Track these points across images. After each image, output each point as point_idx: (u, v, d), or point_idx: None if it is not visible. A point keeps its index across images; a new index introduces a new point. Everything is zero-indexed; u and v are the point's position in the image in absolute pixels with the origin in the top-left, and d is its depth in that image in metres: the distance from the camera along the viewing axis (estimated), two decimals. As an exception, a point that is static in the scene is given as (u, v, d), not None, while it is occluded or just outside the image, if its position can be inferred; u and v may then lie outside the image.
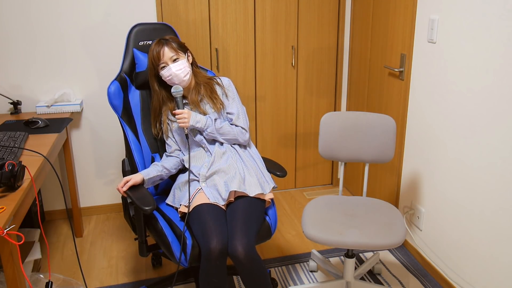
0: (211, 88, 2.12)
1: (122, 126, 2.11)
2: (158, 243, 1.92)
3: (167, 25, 2.30)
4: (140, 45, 2.21)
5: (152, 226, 1.94)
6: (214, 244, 1.71)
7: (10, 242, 1.46)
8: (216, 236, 1.73)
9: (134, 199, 1.82)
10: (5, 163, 1.57)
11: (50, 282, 1.70)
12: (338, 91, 3.32)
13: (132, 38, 2.19)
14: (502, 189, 1.88)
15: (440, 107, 2.24)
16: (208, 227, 1.77)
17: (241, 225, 1.79)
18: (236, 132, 2.08)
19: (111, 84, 2.08)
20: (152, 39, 2.23)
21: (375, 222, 1.99)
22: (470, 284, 2.13)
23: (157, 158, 2.16)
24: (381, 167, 2.88)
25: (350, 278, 2.19)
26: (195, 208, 1.89)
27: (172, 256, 1.84)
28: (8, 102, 2.76)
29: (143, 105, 2.21)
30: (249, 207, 1.89)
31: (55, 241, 2.81)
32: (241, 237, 1.74)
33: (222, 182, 1.97)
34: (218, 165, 2.01)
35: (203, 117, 2.03)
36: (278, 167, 2.16)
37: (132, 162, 2.10)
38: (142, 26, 2.23)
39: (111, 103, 2.07)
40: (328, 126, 2.24)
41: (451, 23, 2.11)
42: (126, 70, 2.18)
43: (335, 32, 3.20)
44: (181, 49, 2.06)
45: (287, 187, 3.49)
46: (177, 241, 1.85)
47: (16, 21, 2.69)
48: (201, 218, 1.82)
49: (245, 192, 1.94)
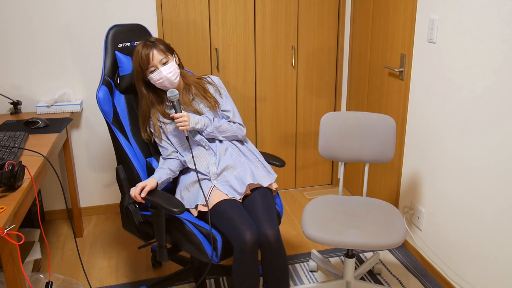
0: (203, 87, 2.12)
1: (113, 132, 2.03)
2: (183, 245, 1.90)
3: (141, 25, 2.27)
4: (119, 47, 2.13)
5: (176, 229, 1.90)
6: (248, 236, 1.77)
7: (10, 242, 1.45)
8: (248, 228, 1.79)
9: (160, 203, 1.77)
10: (5, 163, 1.57)
11: (50, 282, 1.70)
12: (338, 91, 3.32)
13: (110, 40, 2.10)
14: (502, 189, 1.88)
15: (440, 107, 2.24)
16: (237, 221, 1.81)
17: (265, 213, 1.89)
18: (235, 128, 2.11)
19: (99, 89, 2.00)
20: (130, 41, 2.17)
21: (375, 222, 1.99)
22: (470, 284, 2.13)
23: (154, 163, 2.12)
24: (381, 167, 2.88)
25: (350, 278, 2.19)
26: (215, 206, 1.91)
27: (204, 255, 1.84)
28: (8, 102, 2.76)
29: (129, 110, 2.13)
30: (265, 196, 1.99)
31: (55, 241, 2.81)
32: (269, 223, 1.85)
33: (233, 177, 2.00)
34: (225, 162, 2.03)
35: (201, 118, 2.03)
36: (276, 158, 2.26)
37: (130, 168, 2.03)
38: (119, 27, 2.15)
39: (101, 109, 1.99)
40: (328, 126, 2.24)
41: (451, 23, 2.11)
42: (109, 73, 2.09)
43: (335, 32, 3.20)
44: (169, 50, 2.03)
45: (287, 187, 3.49)
46: (206, 240, 1.85)
47: (17, 21, 2.69)
48: (226, 214, 1.85)
49: (260, 183, 2.01)
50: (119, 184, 2.05)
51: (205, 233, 1.87)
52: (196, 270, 2.24)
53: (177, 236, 1.91)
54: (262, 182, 2.02)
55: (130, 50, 2.17)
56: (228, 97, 2.16)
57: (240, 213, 1.86)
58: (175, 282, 2.30)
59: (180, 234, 1.89)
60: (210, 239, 1.85)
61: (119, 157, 2.05)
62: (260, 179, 2.03)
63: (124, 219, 2.08)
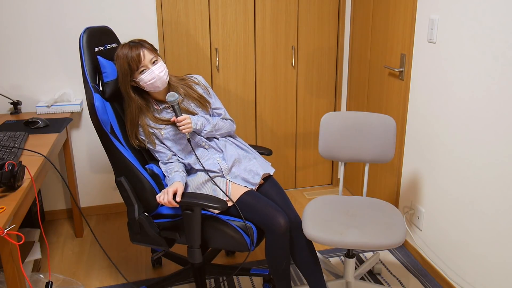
0: (191, 88, 2.10)
1: (111, 143, 1.91)
2: (217, 240, 1.95)
3: (109, 28, 2.17)
4: (96, 51, 1.98)
5: (211, 226, 1.94)
6: (282, 219, 1.88)
7: (10, 242, 1.45)
8: (279, 213, 1.90)
9: (201, 203, 1.81)
10: (5, 163, 1.57)
11: (50, 282, 1.70)
12: (338, 91, 3.32)
13: (85, 44, 1.93)
14: (502, 189, 1.88)
15: (440, 107, 2.24)
16: (268, 208, 1.91)
17: (282, 201, 2.05)
18: (228, 125, 2.16)
19: (95, 98, 1.87)
20: (103, 44, 2.04)
21: (375, 222, 1.99)
22: (470, 284, 2.13)
23: (155, 168, 2.04)
24: (381, 167, 2.88)
25: (350, 278, 2.19)
26: (239, 199, 1.96)
27: (244, 245, 1.92)
28: (8, 102, 2.76)
29: (118, 118, 2.02)
30: (275, 185, 2.13)
31: (55, 241, 2.81)
32: (290, 209, 2.03)
33: (242, 170, 2.05)
34: (232, 156, 2.06)
35: (199, 118, 2.03)
36: (263, 148, 2.35)
37: (137, 177, 1.93)
38: (92, 30, 1.99)
39: (100, 119, 1.88)
40: (328, 126, 2.24)
41: (451, 23, 2.11)
42: (92, 79, 1.93)
43: (335, 32, 3.20)
44: (155, 50, 1.98)
45: (287, 187, 3.49)
46: (243, 231, 1.92)
47: (17, 21, 2.69)
48: (254, 205, 1.93)
49: (269, 172, 2.14)
50: (124, 196, 1.95)
51: (239, 225, 1.94)
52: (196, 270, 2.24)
53: (212, 232, 1.94)
54: (269, 170, 2.15)
55: (105, 54, 2.03)
56: (215, 95, 2.19)
57: (266, 201, 1.95)
58: (175, 282, 2.30)
59: (216, 230, 1.93)
60: (246, 230, 1.92)
61: (119, 168, 1.94)
62: (267, 169, 2.14)
63: (135, 232, 1.99)
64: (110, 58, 2.03)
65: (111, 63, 2.01)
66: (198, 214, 1.86)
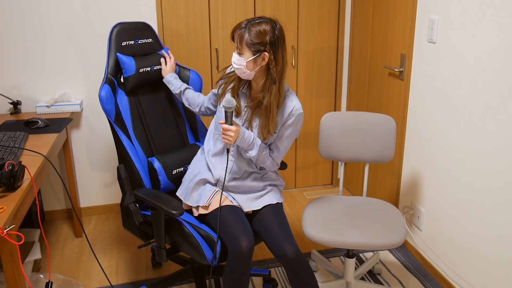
0: (273, 109, 1.81)
1: (115, 131, 2.01)
2: (182, 246, 1.89)
3: (146, 24, 2.25)
4: (123, 45, 2.11)
5: (175, 230, 1.89)
6: (244, 244, 1.74)
7: (10, 242, 1.45)
8: (245, 236, 1.76)
9: (159, 205, 1.77)
10: (5, 163, 1.57)
11: (50, 282, 1.70)
12: (338, 91, 3.32)
13: (114, 38, 2.09)
14: (502, 189, 1.88)
15: (440, 107, 2.24)
16: (236, 227, 1.79)
17: (281, 229, 1.84)
18: (269, 164, 1.95)
19: (102, 88, 1.98)
20: (134, 39, 2.15)
21: (375, 222, 1.99)
22: (470, 284, 2.13)
23: (155, 162, 2.09)
24: (381, 167, 2.88)
25: (350, 278, 2.19)
26: (216, 210, 1.88)
27: (202, 257, 1.82)
28: (8, 102, 2.76)
29: (132, 110, 2.12)
30: (276, 211, 1.93)
31: (55, 241, 2.81)
32: (287, 240, 1.80)
33: (238, 196, 1.96)
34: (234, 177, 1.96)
35: (250, 138, 1.85)
36: None
37: (131, 167, 2.01)
38: (124, 25, 2.13)
39: (104, 108, 1.97)
40: (328, 126, 2.24)
41: (451, 23, 2.11)
42: (112, 72, 2.07)
43: (335, 32, 3.20)
44: (253, 47, 1.77)
45: (287, 187, 3.49)
46: (205, 242, 1.85)
47: (17, 21, 2.69)
48: (226, 220, 1.83)
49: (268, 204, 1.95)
50: (120, 183, 2.04)
51: (204, 235, 1.87)
52: (196, 270, 2.24)
53: (176, 237, 1.91)
54: (270, 202, 1.96)
55: (133, 49, 2.15)
56: (292, 137, 1.91)
57: (241, 221, 1.83)
58: (175, 282, 2.30)
59: (179, 235, 1.89)
60: (209, 241, 1.84)
61: (120, 156, 2.04)
62: (267, 200, 1.96)
63: (124, 219, 2.07)
64: (141, 53, 2.18)
65: (131, 59, 2.10)
66: (160, 214, 1.84)
